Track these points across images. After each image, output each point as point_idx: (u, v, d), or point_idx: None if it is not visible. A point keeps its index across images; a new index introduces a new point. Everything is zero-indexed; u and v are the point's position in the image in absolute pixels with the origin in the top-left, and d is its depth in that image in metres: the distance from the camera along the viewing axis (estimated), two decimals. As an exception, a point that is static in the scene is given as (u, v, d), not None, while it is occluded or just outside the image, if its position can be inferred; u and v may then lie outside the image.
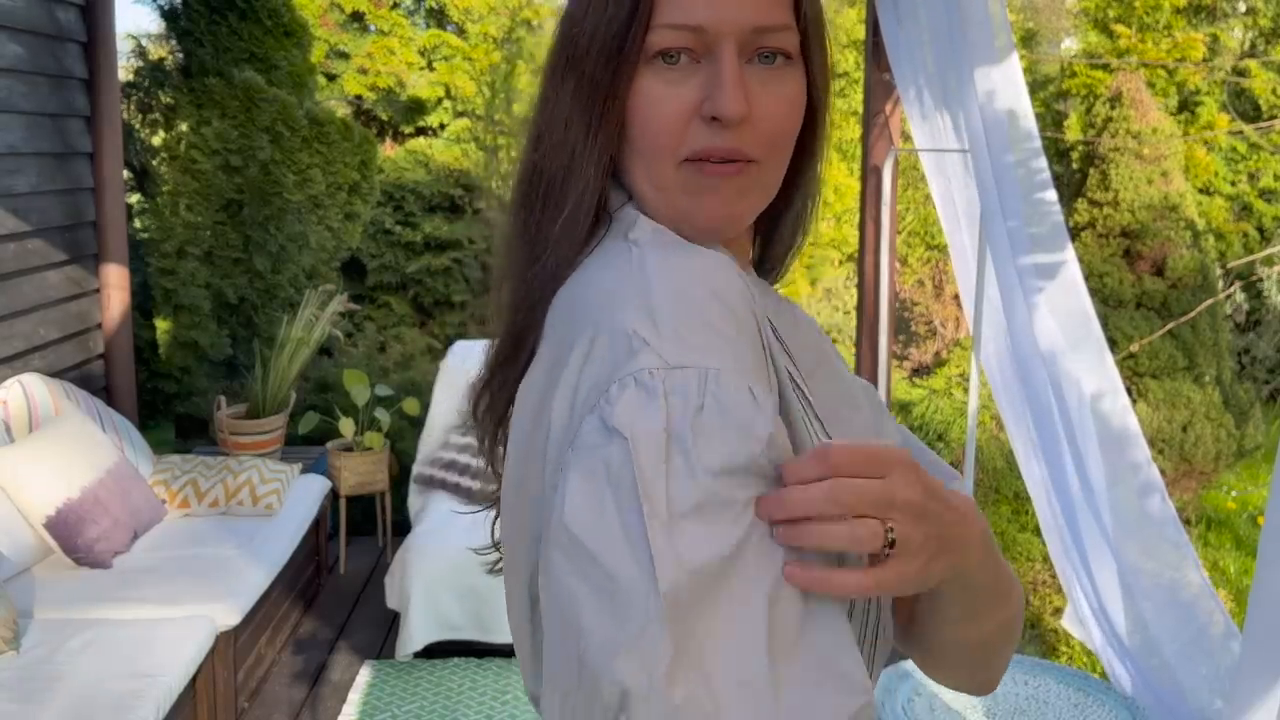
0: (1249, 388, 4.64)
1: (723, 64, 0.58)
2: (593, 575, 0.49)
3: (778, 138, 0.61)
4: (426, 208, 6.34)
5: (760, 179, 0.61)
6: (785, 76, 0.60)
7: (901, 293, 5.11)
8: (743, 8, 0.58)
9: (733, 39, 0.58)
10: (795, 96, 0.61)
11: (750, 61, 0.59)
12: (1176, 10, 6.15)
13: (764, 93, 0.59)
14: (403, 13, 6.63)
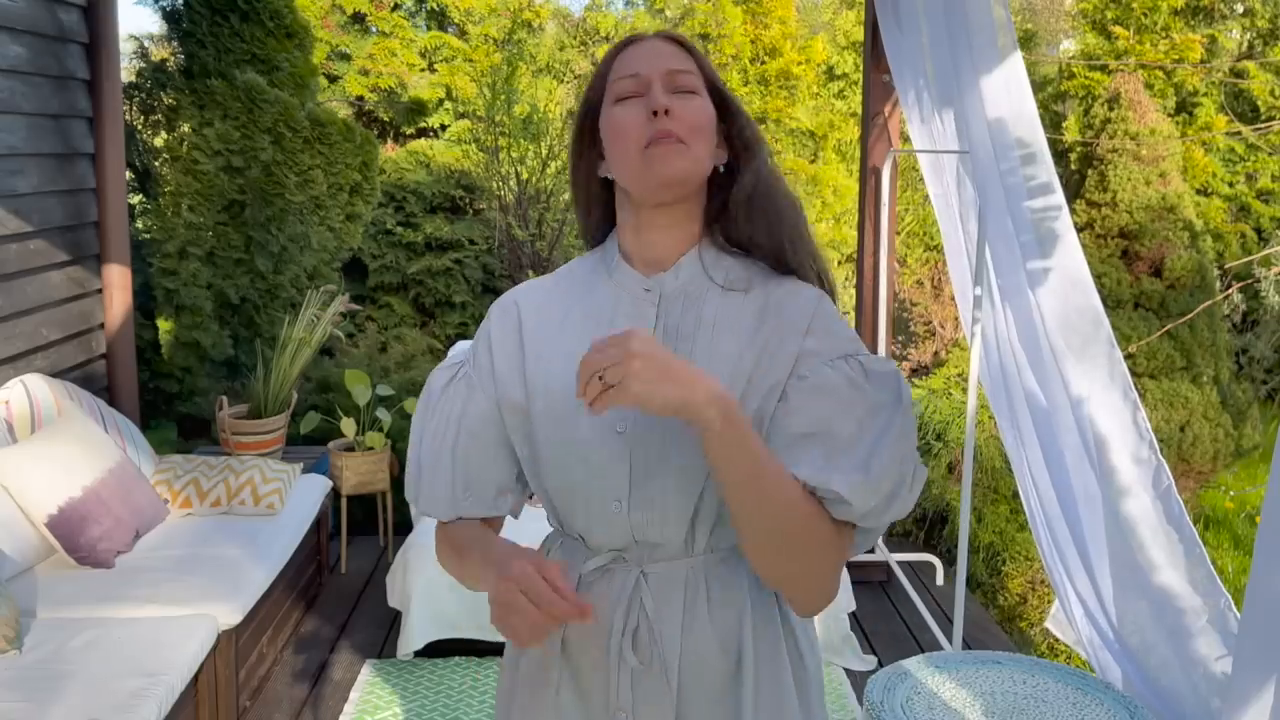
0: (1247, 388, 4.65)
1: (654, 88, 0.96)
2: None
3: (694, 127, 0.96)
4: (427, 208, 6.36)
5: (689, 152, 0.96)
6: (692, 98, 0.97)
7: (900, 293, 5.12)
8: (660, 59, 0.98)
9: (658, 77, 0.97)
10: (700, 108, 0.97)
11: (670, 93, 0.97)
12: (1174, 11, 6.16)
13: (680, 103, 0.96)
14: (404, 14, 6.64)
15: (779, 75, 6.18)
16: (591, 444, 0.97)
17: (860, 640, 3.03)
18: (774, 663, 0.99)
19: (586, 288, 1.04)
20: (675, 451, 0.95)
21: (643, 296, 1.00)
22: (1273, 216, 6.52)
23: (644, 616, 0.97)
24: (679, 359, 0.86)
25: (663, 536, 0.97)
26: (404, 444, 3.98)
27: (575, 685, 1.01)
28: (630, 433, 0.96)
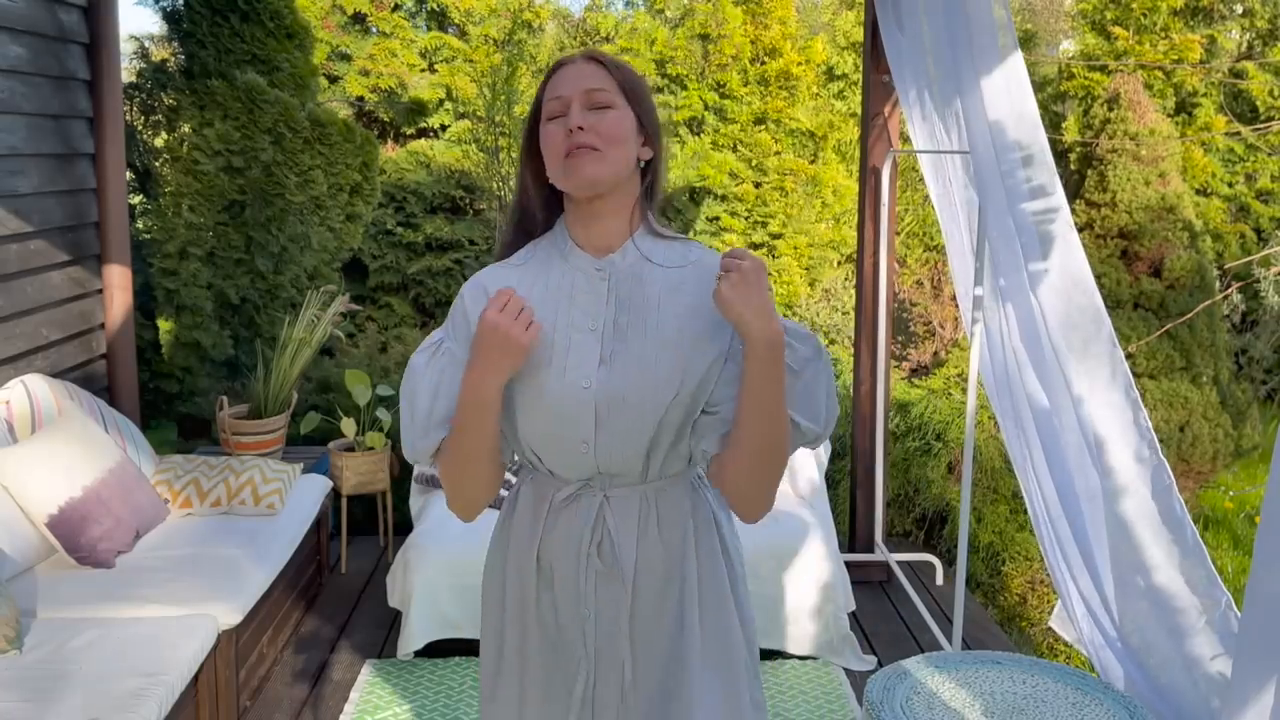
0: (1246, 388, 4.65)
1: (573, 107, 1.18)
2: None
3: (607, 137, 1.17)
4: (428, 209, 6.36)
5: (604, 158, 1.17)
6: (606, 112, 1.18)
7: (900, 293, 5.12)
8: (581, 80, 1.18)
9: (577, 97, 1.18)
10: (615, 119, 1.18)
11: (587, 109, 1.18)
12: (1174, 12, 6.17)
13: (595, 117, 1.17)
14: (404, 15, 6.64)
15: (779, 76, 6.19)
16: (563, 399, 1.19)
17: (860, 640, 3.03)
18: (711, 564, 1.25)
19: (545, 270, 1.25)
20: (631, 400, 1.18)
21: (595, 275, 1.22)
22: (1272, 217, 6.53)
23: (606, 531, 1.22)
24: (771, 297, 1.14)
25: (622, 468, 1.22)
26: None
27: (551, 593, 1.25)
28: (595, 388, 1.18)
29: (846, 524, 3.65)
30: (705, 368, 1.19)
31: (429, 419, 1.23)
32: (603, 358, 1.19)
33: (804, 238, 6.02)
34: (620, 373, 1.18)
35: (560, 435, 1.20)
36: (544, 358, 1.20)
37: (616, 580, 1.22)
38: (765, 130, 6.17)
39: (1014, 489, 4.08)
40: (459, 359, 1.22)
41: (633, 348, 1.19)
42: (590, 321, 1.20)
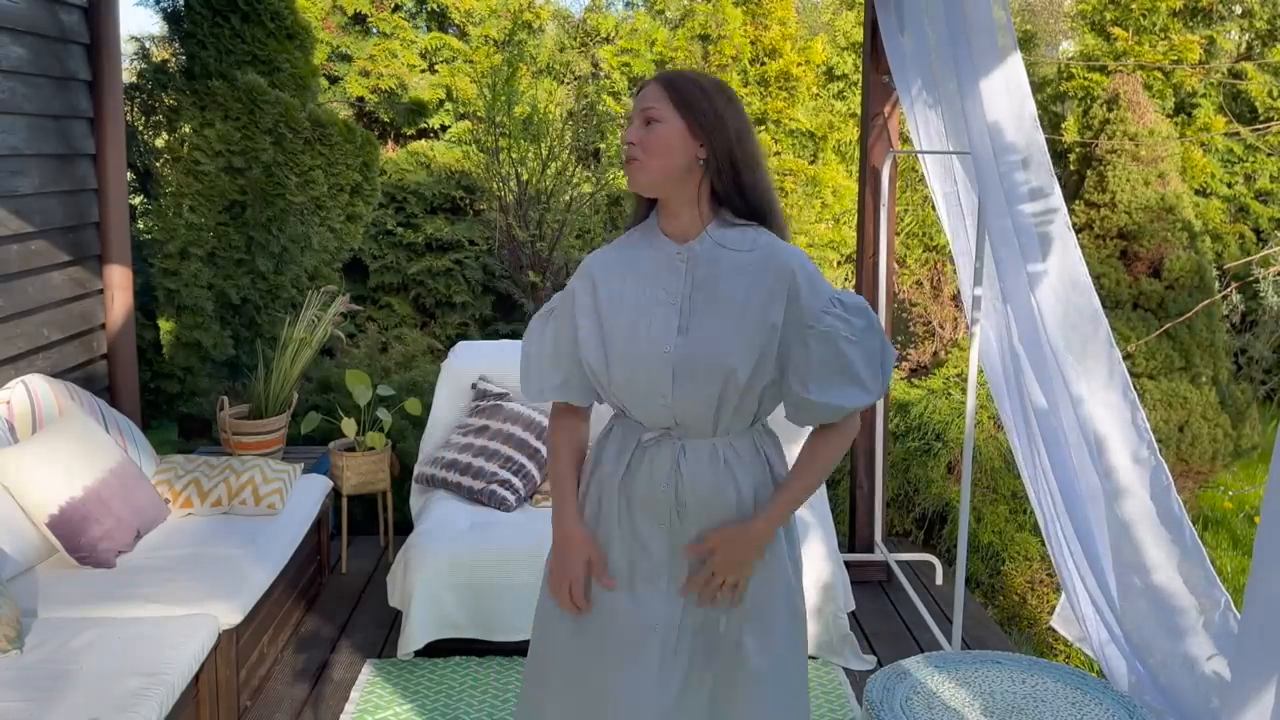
0: (1245, 388, 4.65)
1: (632, 124, 1.44)
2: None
3: (649, 149, 1.43)
4: (428, 209, 6.36)
5: (644, 166, 1.44)
6: (654, 128, 1.43)
7: (900, 293, 5.13)
8: (644, 100, 1.44)
9: (636, 115, 1.44)
10: (659, 134, 1.43)
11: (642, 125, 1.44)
12: (1173, 13, 6.17)
13: (644, 132, 1.43)
14: (404, 15, 6.65)
15: (779, 76, 6.19)
16: (648, 360, 1.46)
17: (860, 640, 3.03)
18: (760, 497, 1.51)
19: (638, 252, 1.52)
20: (702, 363, 1.44)
21: (675, 258, 1.49)
22: (1271, 217, 6.53)
23: (680, 475, 1.48)
24: (746, 549, 1.48)
25: (694, 421, 1.48)
26: (404, 444, 3.99)
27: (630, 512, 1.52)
28: (673, 353, 1.45)
29: (846, 524, 3.65)
30: (764, 339, 1.44)
31: (541, 377, 1.58)
32: (680, 327, 1.45)
33: (804, 238, 6.03)
34: (694, 340, 1.44)
35: (643, 389, 1.47)
36: (635, 324, 1.47)
37: (682, 513, 1.49)
38: (765, 131, 6.18)
39: (1014, 489, 4.09)
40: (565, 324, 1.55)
41: (705, 320, 1.45)
42: (670, 297, 1.47)
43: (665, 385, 1.45)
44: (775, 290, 1.44)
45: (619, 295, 1.49)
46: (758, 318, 1.43)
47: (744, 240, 1.47)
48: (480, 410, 3.33)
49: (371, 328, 5.89)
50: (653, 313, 1.46)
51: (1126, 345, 4.30)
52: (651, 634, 1.50)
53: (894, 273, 4.13)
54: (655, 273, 1.48)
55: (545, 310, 1.60)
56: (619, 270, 1.51)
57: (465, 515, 2.98)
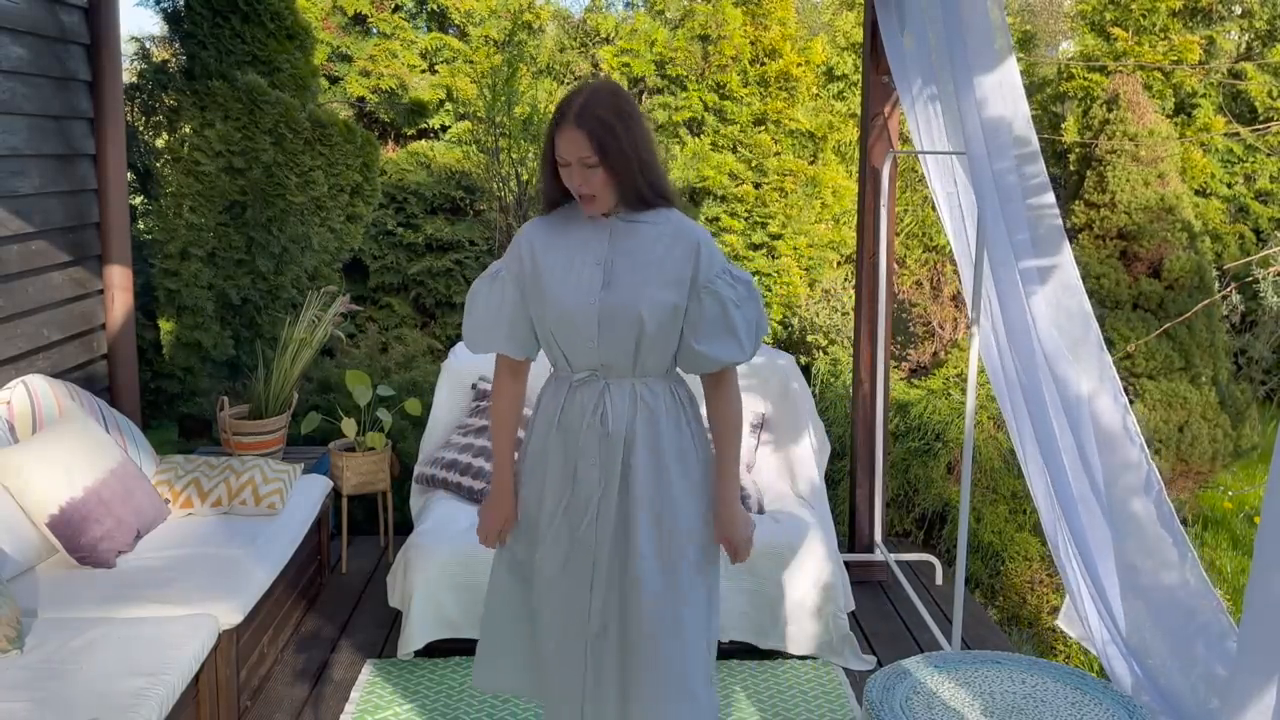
0: (1245, 388, 4.65)
1: (574, 170, 1.72)
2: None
3: (597, 187, 1.72)
4: (428, 209, 6.36)
5: (596, 199, 1.74)
6: (593, 172, 1.71)
7: (900, 294, 5.13)
8: (574, 149, 1.69)
9: (575, 163, 1.71)
10: (599, 177, 1.71)
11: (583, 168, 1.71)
12: (1173, 13, 6.17)
13: (588, 174, 1.71)
14: (404, 15, 6.65)
15: (779, 76, 6.19)
16: (577, 309, 1.75)
17: (860, 640, 3.03)
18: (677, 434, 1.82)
19: (568, 222, 1.82)
20: (621, 313, 1.74)
21: (601, 229, 1.79)
22: (1271, 217, 6.53)
23: (605, 406, 1.78)
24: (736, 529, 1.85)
25: (616, 362, 1.78)
26: (405, 444, 3.99)
27: (563, 449, 1.82)
28: (597, 305, 1.75)
29: (846, 524, 3.65)
30: (675, 293, 1.76)
31: (487, 333, 1.84)
32: (604, 283, 1.75)
33: (804, 238, 6.03)
34: (615, 294, 1.75)
35: (574, 335, 1.76)
36: (565, 281, 1.76)
37: (612, 441, 1.78)
38: (765, 131, 6.18)
39: (1014, 489, 4.09)
40: (510, 284, 1.82)
41: (624, 278, 1.75)
42: (595, 258, 1.77)
43: (592, 331, 1.75)
44: (685, 254, 1.76)
45: (554, 257, 1.79)
46: (671, 274, 1.75)
47: (658, 217, 1.79)
48: (480, 410, 3.33)
49: (371, 328, 5.89)
50: (581, 272, 1.77)
51: (1126, 345, 4.30)
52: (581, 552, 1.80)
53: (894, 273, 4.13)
54: (584, 239, 1.79)
55: (490, 274, 1.84)
56: (552, 237, 1.81)
57: (465, 515, 2.98)
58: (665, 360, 1.79)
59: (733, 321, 1.76)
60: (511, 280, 1.81)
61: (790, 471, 3.25)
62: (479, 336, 1.85)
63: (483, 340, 1.84)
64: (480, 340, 1.85)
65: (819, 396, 4.77)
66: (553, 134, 1.72)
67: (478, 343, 1.85)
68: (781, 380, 3.39)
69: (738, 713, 2.61)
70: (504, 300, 1.82)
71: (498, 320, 1.82)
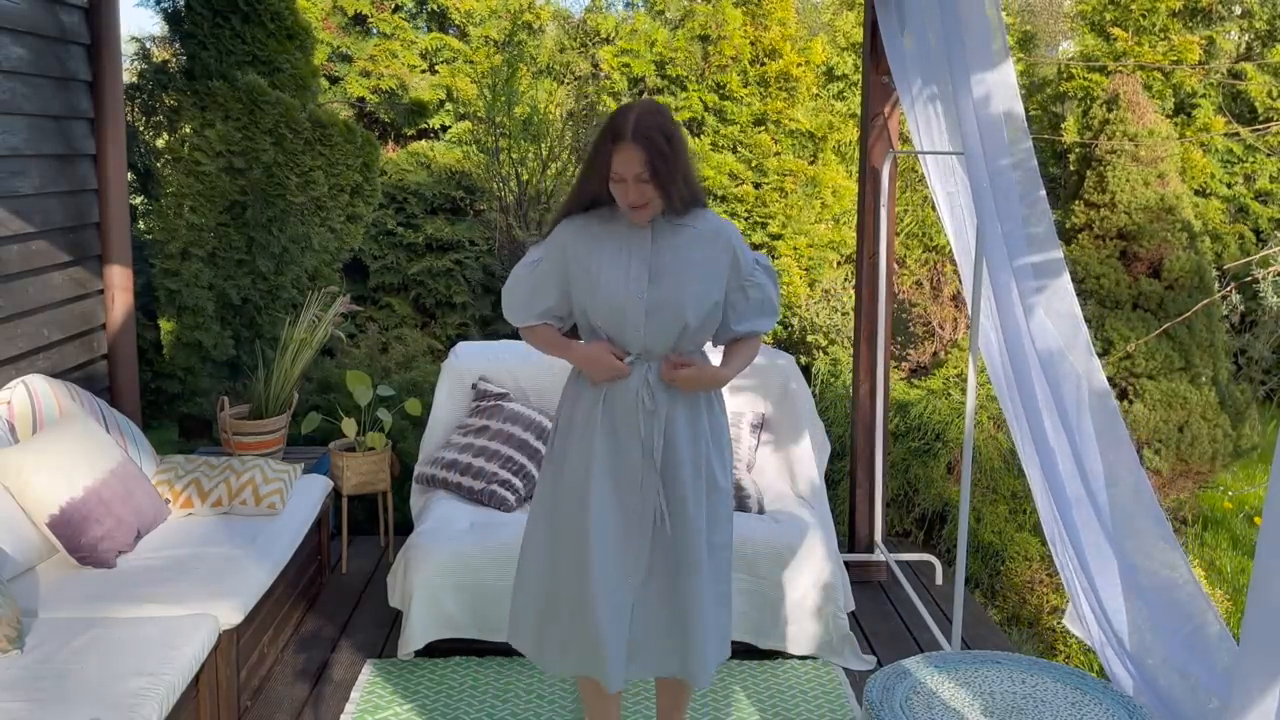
0: (1245, 388, 4.65)
1: (629, 186, 1.93)
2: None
3: (649, 200, 1.94)
4: (428, 209, 6.36)
5: (646, 210, 1.95)
6: (647, 187, 1.92)
7: (900, 294, 5.13)
8: (631, 167, 1.91)
9: (631, 178, 1.92)
10: (650, 190, 1.93)
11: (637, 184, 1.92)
12: (1172, 13, 6.17)
13: (640, 187, 1.92)
14: (405, 16, 6.65)
15: (779, 77, 6.19)
16: (628, 300, 1.97)
17: (860, 640, 3.03)
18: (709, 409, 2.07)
19: (610, 224, 2.02)
20: (667, 305, 1.97)
21: (644, 229, 2.00)
22: (1271, 217, 6.53)
23: (648, 385, 2.00)
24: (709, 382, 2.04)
25: (659, 347, 2.00)
26: (405, 444, 3.99)
27: (610, 423, 2.01)
28: (646, 296, 1.97)
29: (846, 524, 3.65)
30: (717, 289, 2.01)
31: (526, 309, 2.08)
32: (651, 278, 1.97)
33: (804, 238, 6.03)
34: (661, 290, 1.97)
35: (623, 323, 1.98)
36: (615, 274, 1.97)
37: (656, 415, 2.00)
38: (765, 131, 6.18)
39: (1014, 489, 4.09)
40: (549, 271, 2.03)
41: (669, 274, 1.97)
42: (641, 256, 1.99)
43: (639, 321, 1.97)
44: (722, 253, 2.01)
45: (601, 254, 1.99)
46: (712, 273, 1.99)
47: (696, 219, 2.01)
48: (480, 410, 3.33)
49: (372, 328, 5.89)
50: (629, 266, 1.97)
51: (1126, 345, 4.30)
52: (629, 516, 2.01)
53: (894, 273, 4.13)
54: (628, 236, 1.99)
55: (531, 260, 2.06)
56: (595, 235, 2.01)
57: (465, 515, 2.98)
58: (698, 344, 2.04)
59: (772, 302, 2.07)
60: (553, 268, 2.03)
61: (790, 471, 3.25)
62: (518, 311, 2.09)
63: (521, 314, 2.08)
64: (519, 314, 2.09)
65: (819, 396, 4.78)
66: (608, 150, 1.91)
67: (517, 316, 2.09)
68: (781, 380, 3.39)
69: (738, 713, 2.61)
70: (545, 281, 2.03)
71: (536, 297, 2.05)
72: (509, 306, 2.10)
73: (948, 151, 2.80)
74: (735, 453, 3.26)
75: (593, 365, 1.99)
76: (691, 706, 2.62)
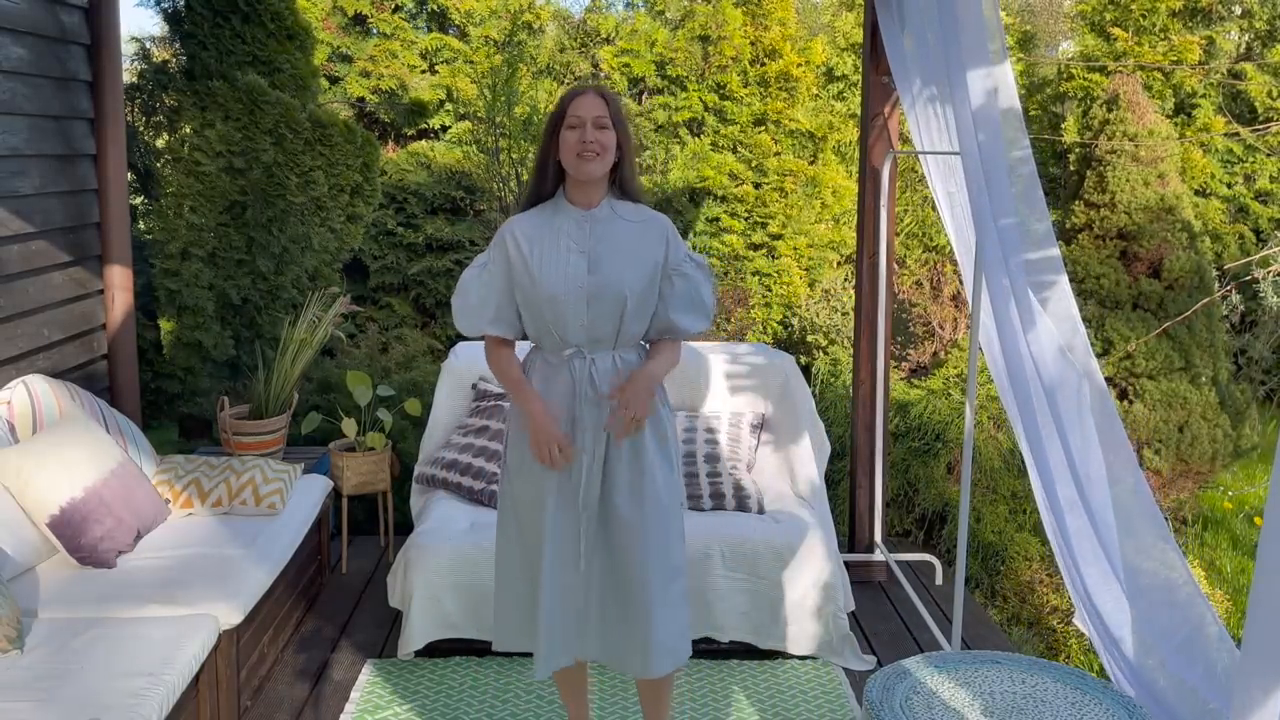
0: (1245, 388, 4.65)
1: (586, 125, 2.03)
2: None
3: (603, 146, 2.04)
4: (428, 209, 6.36)
5: (599, 159, 2.04)
6: (605, 131, 2.04)
7: (900, 294, 5.13)
8: (592, 110, 2.03)
9: (590, 120, 2.03)
10: (608, 137, 2.05)
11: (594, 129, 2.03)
12: (1172, 13, 6.17)
13: (597, 134, 2.03)
14: (404, 16, 6.65)
15: (779, 77, 6.19)
16: (568, 292, 2.04)
17: (860, 640, 3.03)
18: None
19: (553, 217, 2.10)
20: (607, 293, 2.03)
21: (582, 219, 2.08)
22: (1271, 217, 6.53)
23: (592, 375, 2.07)
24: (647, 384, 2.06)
25: (602, 336, 2.07)
26: (405, 444, 3.99)
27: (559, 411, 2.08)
28: (586, 286, 2.04)
29: (846, 524, 3.65)
30: (650, 275, 2.07)
31: (477, 315, 2.11)
32: (589, 269, 2.04)
33: (804, 238, 6.03)
34: (601, 277, 2.04)
35: (566, 312, 2.04)
36: (555, 266, 2.03)
37: (599, 403, 2.06)
38: (765, 131, 6.18)
39: (1014, 489, 4.09)
40: (495, 274, 2.10)
41: (607, 264, 2.04)
42: (580, 246, 2.06)
43: (582, 310, 2.03)
44: (656, 242, 2.08)
45: (540, 246, 2.06)
46: (646, 259, 2.06)
47: (633, 211, 2.10)
48: (480, 410, 3.33)
49: (372, 328, 5.89)
50: (568, 258, 2.04)
51: (1126, 345, 4.30)
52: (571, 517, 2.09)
53: (894, 273, 4.13)
54: (567, 230, 2.07)
55: (478, 264, 2.12)
56: (537, 229, 2.08)
57: (465, 515, 2.98)
58: (641, 331, 2.10)
59: (701, 298, 2.11)
60: (499, 270, 2.09)
61: (790, 471, 3.25)
62: (469, 320, 2.12)
63: (471, 323, 2.12)
64: (470, 323, 2.12)
65: (819, 396, 4.78)
66: (564, 104, 2.00)
67: (468, 325, 2.12)
68: (781, 380, 3.39)
69: (737, 713, 2.61)
70: (491, 288, 2.09)
71: (484, 304, 2.09)
72: (460, 312, 2.13)
73: (947, 151, 2.81)
74: (735, 453, 3.26)
75: (539, 433, 2.03)
76: (691, 707, 2.62)
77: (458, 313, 2.13)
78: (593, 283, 2.02)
